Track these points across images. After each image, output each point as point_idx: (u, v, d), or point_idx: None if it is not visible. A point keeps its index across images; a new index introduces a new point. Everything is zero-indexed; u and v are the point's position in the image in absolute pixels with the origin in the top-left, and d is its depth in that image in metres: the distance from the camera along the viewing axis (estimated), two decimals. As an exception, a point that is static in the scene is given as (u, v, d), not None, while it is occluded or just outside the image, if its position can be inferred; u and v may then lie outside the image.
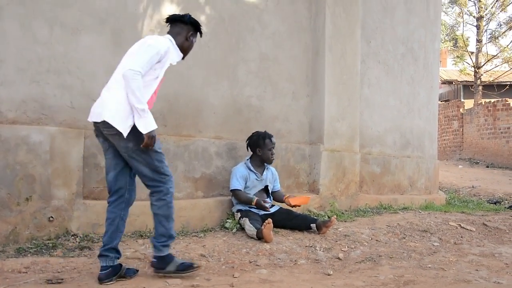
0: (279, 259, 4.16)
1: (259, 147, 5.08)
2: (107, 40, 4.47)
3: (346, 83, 6.27)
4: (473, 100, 25.34)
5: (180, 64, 4.75)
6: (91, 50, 4.38)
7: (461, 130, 22.33)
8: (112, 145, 3.46)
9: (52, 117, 4.18)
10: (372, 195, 6.86)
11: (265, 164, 5.15)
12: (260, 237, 4.48)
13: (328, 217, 5.51)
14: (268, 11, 5.67)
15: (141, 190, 4.57)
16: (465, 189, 12.00)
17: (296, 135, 6.02)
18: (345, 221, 5.57)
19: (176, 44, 3.69)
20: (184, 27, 3.76)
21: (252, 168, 5.06)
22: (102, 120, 3.33)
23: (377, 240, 4.95)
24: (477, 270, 4.18)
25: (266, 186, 5.14)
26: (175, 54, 3.69)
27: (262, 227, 4.44)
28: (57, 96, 4.21)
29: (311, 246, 4.53)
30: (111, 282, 3.35)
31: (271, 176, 5.21)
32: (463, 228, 5.80)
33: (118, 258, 3.49)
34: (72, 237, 4.06)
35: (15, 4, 4.04)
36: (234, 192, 4.97)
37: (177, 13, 4.32)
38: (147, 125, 3.31)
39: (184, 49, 3.78)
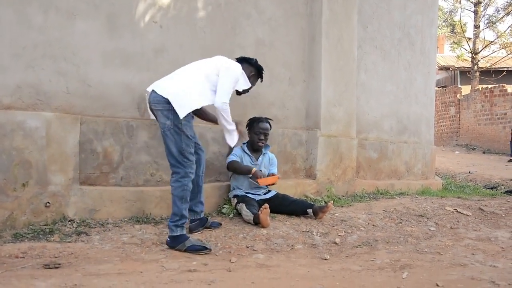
0: (276, 244, 4.18)
1: (249, 130, 5.09)
2: (102, 25, 4.44)
3: (343, 68, 6.25)
4: (470, 86, 25.39)
5: (176, 50, 4.75)
6: (86, 35, 4.35)
7: (458, 116, 22.38)
8: None
9: (47, 102, 4.17)
10: (369, 180, 6.88)
11: (262, 149, 5.14)
12: (257, 222, 4.49)
13: (325, 202, 5.51)
14: (264, -4, 5.64)
15: (138, 175, 4.59)
16: (462, 174, 12.05)
17: (292, 121, 6.02)
18: (342, 206, 5.59)
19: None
20: (249, 67, 4.43)
21: (247, 151, 5.07)
22: (160, 94, 3.84)
23: (373, 225, 4.96)
24: (473, 254, 4.20)
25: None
26: (244, 83, 4.34)
27: (259, 212, 4.45)
28: (53, 82, 4.20)
29: (307, 231, 4.55)
30: (199, 232, 4.27)
31: (267, 162, 5.19)
32: (460, 213, 5.83)
33: (203, 211, 4.40)
34: (69, 222, 4.07)
35: (9, -11, 4.01)
36: (232, 164, 4.91)
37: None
38: (234, 139, 4.30)
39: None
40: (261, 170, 4.91)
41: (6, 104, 3.98)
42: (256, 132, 5.05)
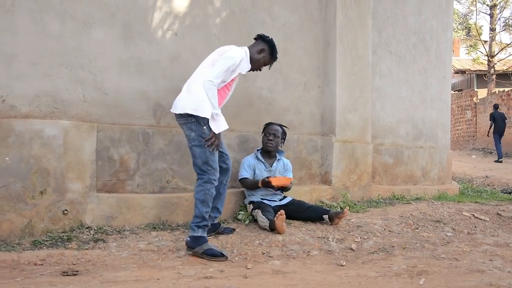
0: (292, 250, 4.18)
1: (262, 134, 5.15)
2: (118, 34, 4.49)
3: (358, 73, 6.24)
4: (486, 89, 25.17)
5: (191, 57, 4.77)
6: (102, 43, 4.40)
7: (474, 119, 22.20)
8: None
9: (65, 111, 4.21)
10: (385, 185, 6.85)
11: (277, 155, 5.15)
12: (272, 229, 4.49)
13: (341, 208, 5.51)
14: (278, 2, 5.66)
15: (154, 182, 4.62)
16: (479, 179, 11.93)
17: (307, 127, 6.02)
18: (358, 212, 5.57)
19: (249, 55, 4.28)
20: (260, 43, 4.36)
21: (261, 158, 5.08)
22: (178, 112, 4.03)
23: (390, 231, 4.94)
24: (491, 260, 4.16)
25: None
26: (246, 65, 4.23)
27: (275, 218, 4.45)
28: (70, 90, 4.24)
29: (323, 237, 4.54)
30: (211, 236, 4.26)
31: (282, 168, 5.19)
32: (477, 218, 5.77)
33: (218, 217, 4.44)
34: (86, 229, 4.11)
35: (26, -1, 4.07)
36: (242, 181, 5.00)
37: (188, 6, 4.77)
38: (220, 125, 4.06)
39: (253, 61, 4.31)
40: (268, 177, 4.88)
41: (25, 113, 4.03)
42: (266, 134, 5.09)
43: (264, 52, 4.35)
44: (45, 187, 3.97)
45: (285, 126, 5.22)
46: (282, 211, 4.47)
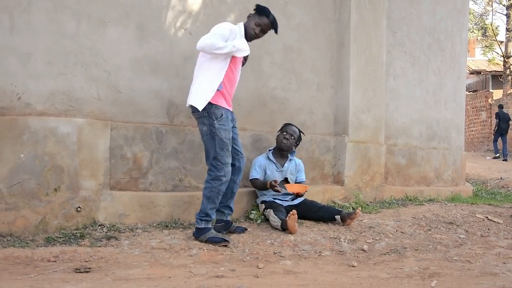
0: (303, 250, 4.17)
1: (279, 133, 5.15)
2: (132, 33, 4.51)
3: (371, 74, 6.22)
4: (502, 90, 24.92)
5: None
6: (117, 42, 4.43)
7: (489, 121, 22.00)
8: None
9: (79, 109, 4.25)
10: (398, 186, 6.83)
11: (288, 155, 5.15)
12: (284, 228, 4.49)
13: (353, 208, 5.50)
14: (292, 2, 5.66)
15: (167, 181, 4.64)
16: (493, 180, 11.83)
17: (320, 127, 6.01)
18: (370, 213, 5.56)
19: (245, 25, 4.28)
20: (255, 15, 4.30)
21: (272, 158, 5.08)
22: (189, 104, 4.16)
23: (402, 232, 4.92)
24: (504, 263, 4.12)
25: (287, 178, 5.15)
26: (239, 39, 4.17)
27: (287, 218, 4.46)
28: (84, 88, 4.27)
29: (335, 238, 4.53)
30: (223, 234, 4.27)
31: (294, 168, 5.19)
32: (490, 220, 5.73)
33: (230, 214, 4.49)
34: (99, 227, 4.14)
35: (42, -2, 4.11)
36: (252, 182, 5.02)
37: (202, 5, 4.87)
38: (242, 45, 4.14)
39: (247, 32, 4.26)
40: (275, 180, 4.87)
41: (40, 111, 4.07)
42: (282, 132, 5.10)
43: (252, 16, 4.33)
44: (59, 184, 4.00)
45: (302, 133, 5.24)
46: (294, 211, 4.47)
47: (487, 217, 5.83)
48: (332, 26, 6.11)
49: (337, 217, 4.90)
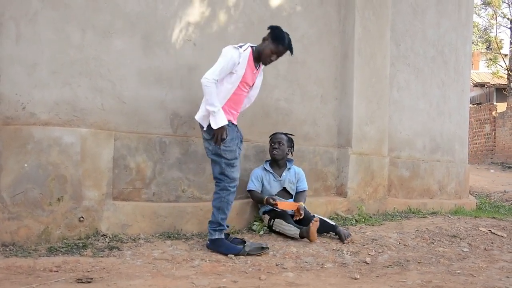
0: (305, 262, 4.17)
1: (269, 144, 5.16)
2: (137, 44, 4.53)
3: (375, 86, 6.23)
4: (506, 103, 24.85)
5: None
6: (122, 53, 4.45)
7: (493, 133, 21.96)
8: None
9: (83, 119, 4.26)
10: (401, 199, 6.81)
11: (286, 163, 5.15)
12: (303, 236, 4.51)
13: (356, 220, 5.50)
14: (297, 14, 5.68)
15: (170, 191, 4.64)
16: (497, 193, 11.79)
17: (324, 138, 6.01)
18: (373, 225, 5.54)
19: (258, 48, 4.33)
20: (270, 42, 4.28)
21: (269, 168, 5.08)
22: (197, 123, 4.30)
23: (405, 245, 4.90)
24: (507, 277, 4.10)
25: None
26: (240, 67, 4.19)
27: (310, 224, 4.49)
28: (89, 99, 4.29)
29: (338, 250, 4.52)
30: None
31: (293, 177, 5.15)
32: (494, 233, 5.71)
33: (228, 227, 4.44)
34: (102, 237, 4.14)
35: (49, 9, 4.12)
36: (249, 193, 5.02)
37: (207, 17, 4.90)
38: (217, 121, 4.06)
39: (261, 53, 4.31)
40: (274, 195, 4.88)
41: (44, 120, 4.09)
42: (271, 143, 5.10)
43: (266, 40, 4.32)
44: (62, 194, 4.01)
45: (291, 134, 5.19)
46: (317, 218, 4.49)
47: (490, 230, 5.81)
48: (337, 38, 6.12)
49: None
